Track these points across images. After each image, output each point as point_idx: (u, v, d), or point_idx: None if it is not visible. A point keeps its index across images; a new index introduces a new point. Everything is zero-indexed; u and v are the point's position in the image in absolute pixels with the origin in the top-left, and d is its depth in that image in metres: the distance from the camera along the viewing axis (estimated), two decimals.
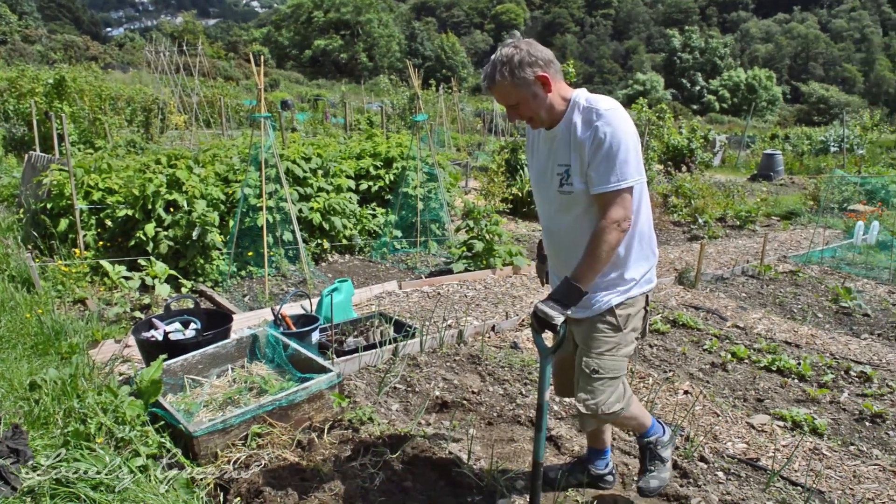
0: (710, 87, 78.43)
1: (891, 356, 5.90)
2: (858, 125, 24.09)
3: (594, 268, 2.75)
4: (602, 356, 2.98)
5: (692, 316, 6.46)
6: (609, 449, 3.51)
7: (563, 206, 2.88)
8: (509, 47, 2.72)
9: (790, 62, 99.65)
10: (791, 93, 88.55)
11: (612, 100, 2.79)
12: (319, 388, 3.91)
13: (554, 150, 2.86)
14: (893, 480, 3.86)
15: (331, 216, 7.72)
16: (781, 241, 11.05)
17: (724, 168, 23.51)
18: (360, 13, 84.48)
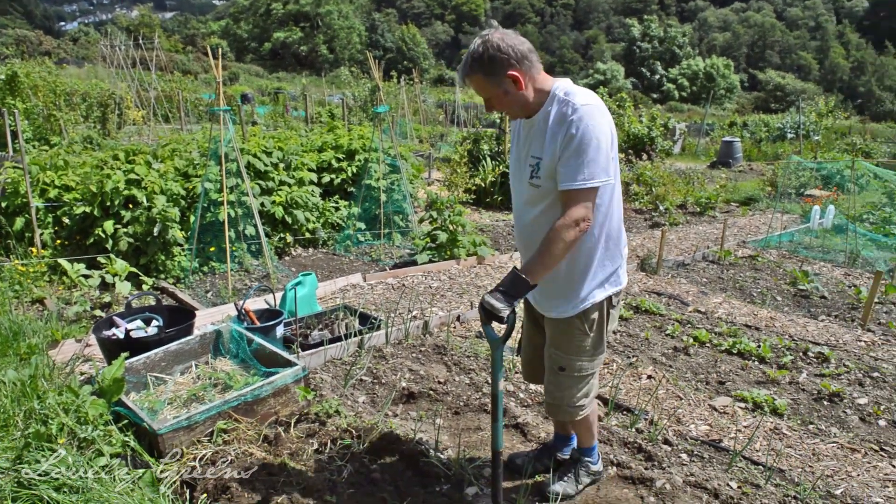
0: (669, 75, 79.25)
1: (847, 337, 6.04)
2: (814, 112, 24.54)
3: (546, 264, 2.73)
4: (570, 356, 3.03)
5: (654, 302, 6.55)
6: (575, 436, 3.56)
7: (532, 197, 2.87)
8: (485, 42, 2.67)
9: (747, 50, 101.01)
10: (749, 81, 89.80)
11: (591, 95, 2.74)
12: (285, 383, 3.90)
13: (530, 141, 2.85)
14: (851, 457, 3.97)
15: (293, 210, 7.67)
16: (741, 227, 11.24)
17: (684, 156, 23.79)
18: (320, 5, 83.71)
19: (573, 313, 2.95)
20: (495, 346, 2.81)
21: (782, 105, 61.04)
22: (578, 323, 2.96)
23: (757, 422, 4.30)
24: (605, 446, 3.84)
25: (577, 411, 3.12)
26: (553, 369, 3.08)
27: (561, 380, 3.07)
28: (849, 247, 9.31)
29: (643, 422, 4.21)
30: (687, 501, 3.37)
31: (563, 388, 3.08)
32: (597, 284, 2.93)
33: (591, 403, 3.17)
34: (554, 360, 3.07)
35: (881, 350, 5.78)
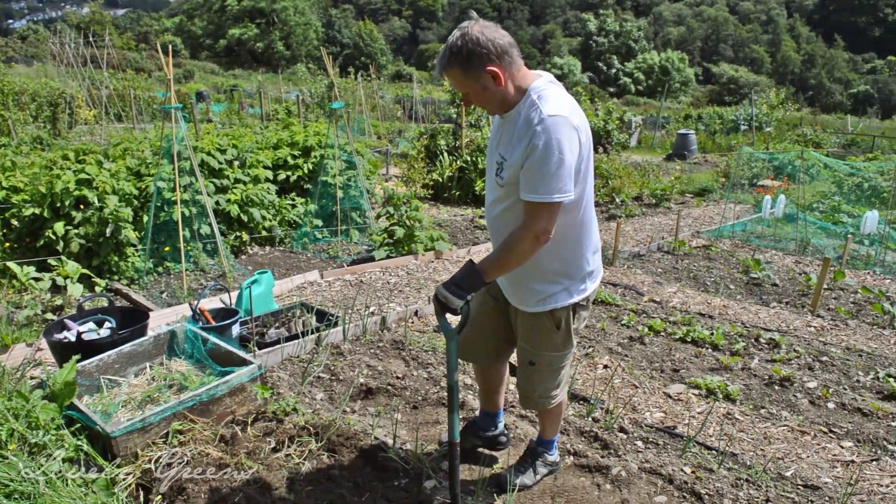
0: (625, 69, 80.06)
1: (797, 322, 6.19)
2: (765, 104, 25.01)
3: (501, 267, 2.73)
4: (540, 352, 3.04)
5: (610, 293, 6.63)
6: (501, 412, 3.63)
7: (497, 195, 2.85)
8: (460, 34, 2.58)
9: (701, 44, 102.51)
10: (703, 74, 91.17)
11: (563, 103, 2.63)
12: (241, 381, 3.87)
13: (502, 138, 2.80)
14: (801, 439, 4.07)
15: (249, 208, 7.61)
16: (695, 218, 11.42)
17: (640, 148, 24.08)
18: (276, 1, 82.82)
19: (539, 310, 2.95)
20: (450, 338, 2.82)
21: (736, 98, 62.05)
22: (546, 320, 2.97)
23: (710, 408, 4.38)
24: (563, 436, 3.89)
25: (549, 401, 3.17)
26: (524, 363, 3.11)
27: (531, 373, 3.10)
28: (799, 235, 9.53)
29: (599, 411, 4.27)
30: (642, 487, 3.43)
31: (535, 382, 3.12)
32: (562, 289, 2.91)
33: (560, 396, 3.21)
34: (524, 354, 3.10)
35: (830, 335, 5.94)
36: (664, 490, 3.42)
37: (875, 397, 4.71)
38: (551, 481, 3.47)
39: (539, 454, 3.46)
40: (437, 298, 2.72)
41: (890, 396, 4.73)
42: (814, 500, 3.43)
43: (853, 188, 12.92)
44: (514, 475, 3.39)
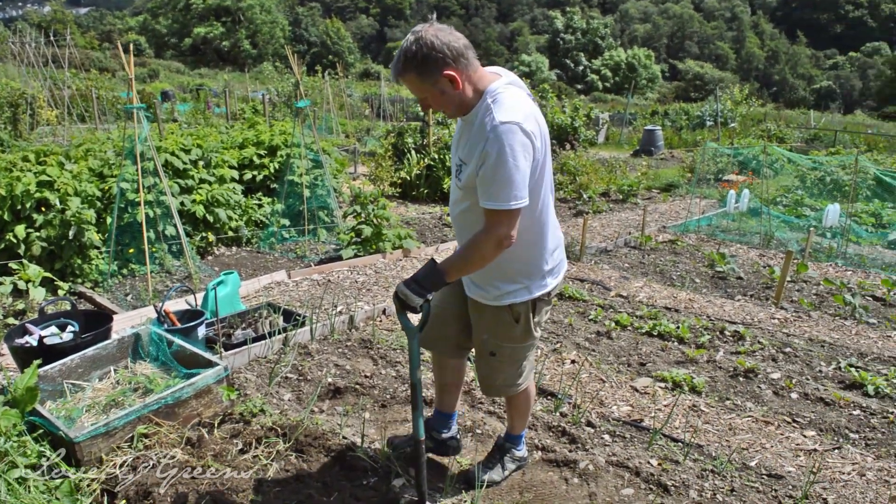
0: (592, 66, 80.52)
1: (761, 315, 6.28)
2: (730, 100, 25.32)
3: (463, 269, 2.74)
4: (501, 343, 3.04)
5: (578, 288, 6.68)
6: (455, 414, 3.61)
7: (459, 196, 2.86)
8: (420, 39, 2.52)
9: (667, 41, 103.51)
10: (669, 71, 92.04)
11: (517, 107, 2.59)
12: (207, 383, 3.84)
13: (461, 140, 2.80)
14: (765, 429, 4.14)
15: (215, 208, 7.54)
16: (661, 213, 11.54)
17: (608, 145, 24.26)
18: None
19: (499, 304, 2.95)
20: (411, 336, 2.82)
21: (702, 94, 62.78)
22: (505, 314, 2.97)
23: (676, 400, 4.43)
24: (531, 431, 3.91)
25: (513, 389, 3.17)
26: (484, 353, 3.11)
27: (493, 363, 3.10)
28: (763, 229, 9.66)
29: (567, 405, 4.30)
30: (609, 480, 3.46)
31: (496, 371, 3.12)
32: (522, 287, 2.92)
33: (526, 380, 3.21)
34: (485, 345, 3.08)
35: (793, 326, 6.04)
36: (631, 483, 3.46)
37: (837, 387, 4.80)
38: (520, 477, 3.49)
39: (507, 450, 3.47)
40: (398, 296, 2.71)
41: (851, 386, 4.82)
42: (777, 490, 3.48)
43: (816, 182, 13.13)
44: (483, 471, 3.40)
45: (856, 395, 4.66)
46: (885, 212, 11.26)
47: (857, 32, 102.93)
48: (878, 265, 8.54)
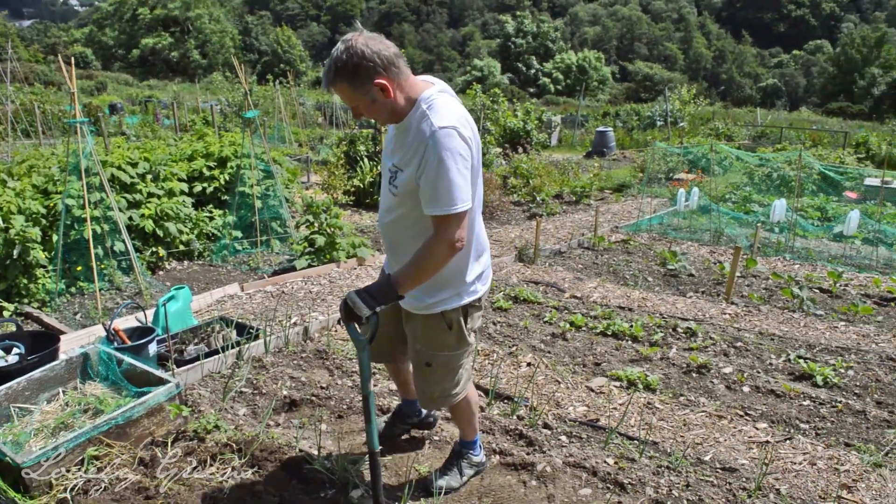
0: (544, 70, 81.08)
1: (713, 311, 6.39)
2: (678, 100, 25.74)
3: (417, 278, 2.72)
4: (435, 353, 3.05)
5: (532, 291, 6.72)
6: None
7: (391, 203, 2.86)
8: (344, 47, 2.53)
9: (617, 43, 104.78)
10: (619, 72, 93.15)
11: (452, 111, 2.66)
12: (158, 401, 3.77)
13: (396, 146, 2.81)
14: (718, 424, 4.20)
15: (164, 222, 7.42)
16: (614, 213, 11.67)
17: (561, 147, 24.47)
18: (189, 8, 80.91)
19: (431, 312, 2.96)
20: (361, 348, 2.81)
21: (652, 94, 63.69)
22: (438, 321, 2.98)
23: (631, 399, 4.48)
24: (488, 435, 3.92)
25: (451, 399, 3.17)
26: (420, 365, 3.11)
27: (429, 375, 3.10)
28: (713, 226, 9.84)
29: (524, 408, 4.32)
30: (567, 481, 3.48)
31: (433, 383, 3.11)
32: (453, 294, 2.94)
33: (462, 392, 3.21)
34: (420, 355, 3.08)
35: (744, 321, 6.15)
36: (588, 482, 3.48)
37: (787, 378, 4.90)
38: (478, 482, 3.49)
39: (464, 455, 3.47)
40: (346, 304, 2.69)
41: (801, 377, 4.93)
42: (732, 483, 3.54)
43: (763, 178, 13.42)
44: (440, 478, 3.40)
45: (805, 387, 4.76)
46: (829, 206, 11.55)
47: (800, 31, 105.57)
48: (825, 258, 8.75)
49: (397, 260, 2.92)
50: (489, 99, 16.41)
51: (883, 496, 3.48)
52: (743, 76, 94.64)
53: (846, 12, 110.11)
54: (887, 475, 3.66)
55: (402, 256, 2.85)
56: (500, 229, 10.00)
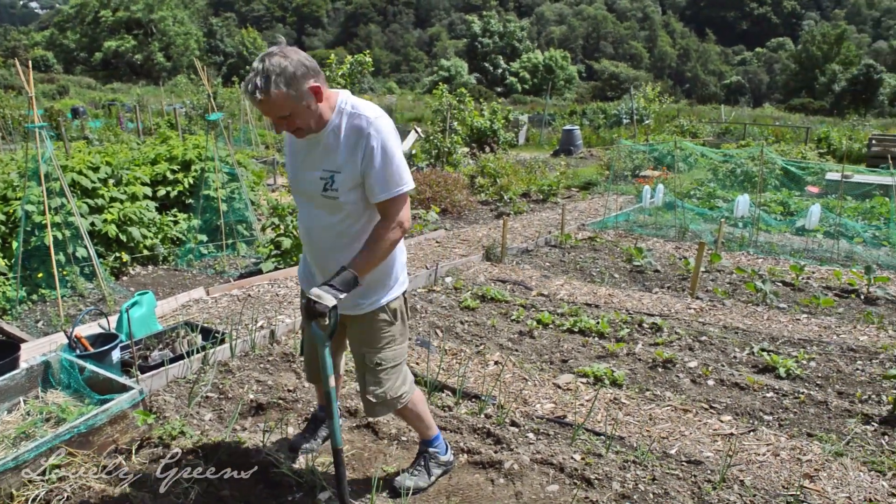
0: (511, 69, 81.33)
1: (678, 306, 6.45)
2: (642, 98, 25.98)
3: (373, 262, 2.81)
4: (382, 349, 3.11)
5: (500, 289, 6.73)
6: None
7: (332, 208, 2.89)
8: (279, 57, 2.59)
9: (583, 42, 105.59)
10: (586, 71, 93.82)
11: (375, 106, 2.86)
12: (122, 408, 3.73)
13: (319, 155, 2.85)
14: (684, 417, 4.25)
15: (128, 227, 7.32)
16: (581, 211, 11.74)
17: (528, 146, 24.57)
18: (153, 11, 79.92)
19: (380, 304, 3.05)
20: (322, 343, 2.81)
21: (618, 93, 64.22)
22: (384, 314, 3.07)
23: (597, 394, 4.51)
24: (456, 435, 3.92)
25: (400, 400, 3.21)
26: (369, 368, 3.14)
27: (380, 376, 3.14)
28: (678, 222, 9.94)
29: (491, 407, 4.33)
30: (535, 478, 3.50)
31: (384, 383, 3.14)
32: (393, 283, 3.09)
33: (411, 390, 3.27)
34: (368, 358, 3.13)
35: (708, 315, 6.22)
36: (556, 479, 3.51)
37: (751, 371, 4.97)
38: (446, 481, 3.50)
39: (430, 455, 3.48)
40: (309, 301, 2.69)
41: (764, 369, 5.00)
42: (697, 475, 3.58)
43: (727, 174, 13.59)
44: (408, 479, 3.40)
45: (769, 379, 4.83)
46: (792, 200, 11.72)
47: (762, 29, 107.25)
48: (787, 252, 8.89)
49: (337, 264, 2.91)
50: (455, 98, 16.43)
51: (844, 485, 3.55)
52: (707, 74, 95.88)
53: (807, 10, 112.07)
54: (848, 464, 3.73)
55: (343, 258, 2.90)
56: (468, 228, 10.00)
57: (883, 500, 3.42)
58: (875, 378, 4.86)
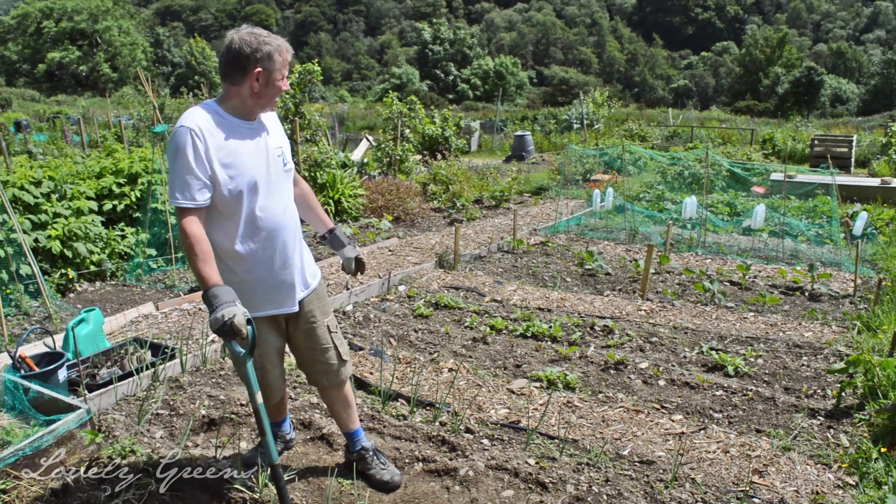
0: (462, 76, 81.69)
1: (629, 308, 6.54)
2: (591, 102, 26.30)
3: (194, 267, 2.76)
4: (331, 314, 3.35)
5: (453, 296, 6.75)
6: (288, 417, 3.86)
7: (285, 185, 3.12)
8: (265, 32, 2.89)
9: (533, 48, 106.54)
10: (536, 77, 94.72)
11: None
12: (68, 429, 3.65)
13: (264, 135, 3.01)
14: (636, 418, 4.31)
15: (73, 243, 7.16)
16: (533, 216, 11.83)
17: (480, 152, 24.68)
18: (97, 21, 78.42)
19: (319, 277, 3.33)
20: (243, 362, 2.78)
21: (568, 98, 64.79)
22: (322, 284, 3.37)
23: (550, 398, 4.55)
24: (411, 443, 3.92)
25: (349, 364, 3.43)
26: (329, 334, 3.31)
27: (336, 338, 3.33)
28: (628, 225, 10.08)
29: (446, 414, 4.34)
30: (490, 484, 3.52)
31: (339, 344, 3.34)
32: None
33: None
34: (327, 327, 3.29)
35: (658, 316, 6.32)
36: (511, 484, 3.52)
37: (700, 370, 5.07)
38: (402, 490, 3.50)
39: (373, 450, 3.58)
40: (222, 324, 2.62)
41: (714, 368, 5.11)
42: (649, 475, 3.64)
43: (676, 177, 13.83)
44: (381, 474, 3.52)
45: (718, 377, 4.93)
46: (738, 201, 11.98)
47: (707, 33, 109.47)
48: (734, 251, 9.08)
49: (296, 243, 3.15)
50: (406, 106, 16.44)
51: (792, 478, 3.63)
52: (655, 78, 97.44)
53: (749, 14, 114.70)
54: (796, 458, 3.82)
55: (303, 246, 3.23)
56: (421, 236, 10.01)
57: (829, 492, 3.51)
58: (820, 373, 4.99)
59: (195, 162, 2.74)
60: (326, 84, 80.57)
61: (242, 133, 2.89)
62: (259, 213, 2.94)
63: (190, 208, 2.76)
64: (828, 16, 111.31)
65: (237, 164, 2.85)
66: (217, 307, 2.61)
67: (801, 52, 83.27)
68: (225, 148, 2.83)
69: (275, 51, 2.81)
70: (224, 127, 2.84)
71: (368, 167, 13.83)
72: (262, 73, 2.80)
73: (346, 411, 3.50)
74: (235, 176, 2.84)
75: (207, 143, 2.77)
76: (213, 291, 2.66)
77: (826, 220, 10.53)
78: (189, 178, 2.74)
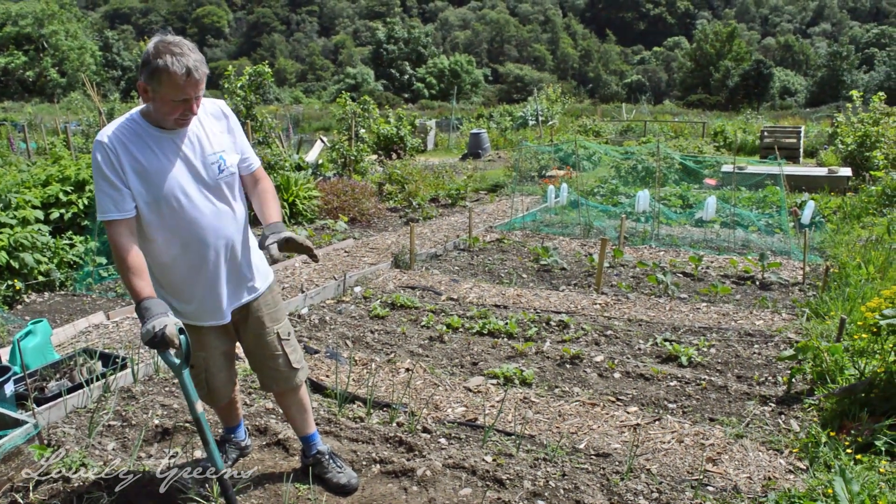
0: (417, 75, 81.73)
1: (584, 302, 6.60)
2: (545, 99, 26.47)
3: (126, 279, 2.74)
4: (283, 319, 3.30)
5: (409, 296, 6.73)
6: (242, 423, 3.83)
7: (220, 196, 2.98)
8: (191, 45, 2.77)
9: (488, 46, 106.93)
10: (492, 74, 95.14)
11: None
12: (15, 445, 3.57)
13: (196, 143, 2.90)
14: (592, 411, 4.35)
15: (19, 253, 6.99)
16: (489, 213, 11.87)
17: (437, 151, 24.68)
18: (43, 25, 76.68)
19: (271, 280, 3.27)
20: (179, 372, 2.76)
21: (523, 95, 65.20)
22: (274, 285, 3.31)
23: (506, 395, 4.57)
24: (368, 445, 3.90)
25: (305, 366, 3.40)
26: (284, 340, 3.27)
27: (289, 345, 3.29)
28: (583, 220, 10.16)
29: (403, 415, 4.33)
30: (447, 483, 3.51)
31: (295, 350, 3.31)
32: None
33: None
34: (281, 331, 3.26)
35: (613, 310, 6.38)
36: (468, 482, 3.53)
37: (655, 361, 5.13)
38: (359, 493, 3.48)
39: (330, 454, 3.56)
40: (153, 336, 2.59)
41: (667, 359, 5.18)
42: (605, 467, 3.67)
43: (629, 171, 13.98)
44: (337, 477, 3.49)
45: (672, 368, 5.00)
46: (690, 193, 12.16)
47: (659, 29, 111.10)
48: (688, 243, 9.22)
49: (235, 251, 3.05)
50: (360, 106, 16.37)
51: (745, 465, 3.70)
52: (609, 73, 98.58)
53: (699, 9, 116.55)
54: (748, 445, 3.88)
55: (246, 253, 3.12)
56: (377, 236, 9.97)
57: (781, 477, 3.58)
58: (771, 360, 5.09)
59: (111, 174, 2.72)
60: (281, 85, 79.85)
61: (160, 141, 2.81)
62: (181, 222, 2.86)
63: (116, 220, 2.73)
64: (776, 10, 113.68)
65: (150, 174, 2.78)
66: (148, 319, 2.59)
67: (751, 46, 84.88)
68: (137, 158, 2.78)
69: (163, 72, 2.61)
70: (139, 136, 2.78)
71: (323, 168, 13.74)
72: (148, 89, 2.68)
73: (302, 416, 3.48)
74: (150, 186, 2.78)
75: (119, 154, 2.73)
76: (145, 304, 2.63)
77: (775, 210, 10.75)
78: (109, 190, 2.73)
